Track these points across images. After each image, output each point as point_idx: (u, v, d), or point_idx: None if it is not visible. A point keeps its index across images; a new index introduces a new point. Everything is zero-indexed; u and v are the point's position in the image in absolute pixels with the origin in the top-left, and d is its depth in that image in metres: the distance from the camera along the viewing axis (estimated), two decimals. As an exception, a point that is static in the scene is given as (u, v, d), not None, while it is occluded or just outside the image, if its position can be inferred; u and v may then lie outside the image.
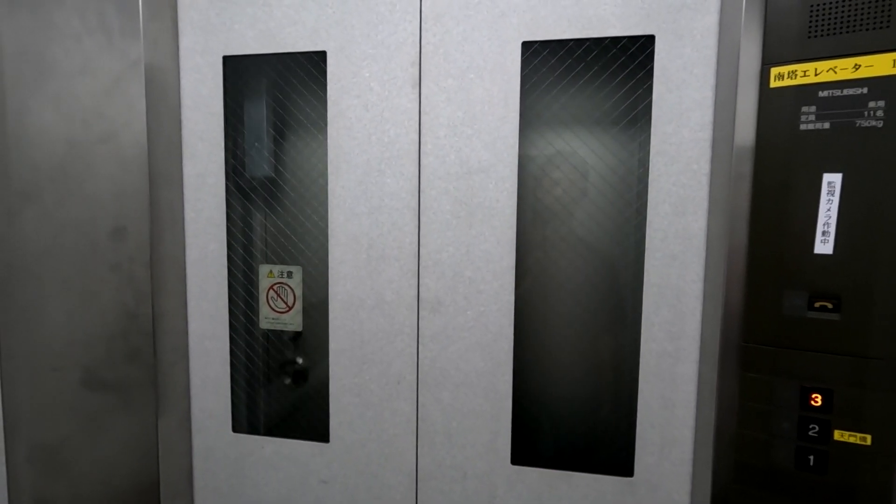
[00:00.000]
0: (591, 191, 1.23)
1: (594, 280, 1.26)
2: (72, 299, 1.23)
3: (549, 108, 1.22)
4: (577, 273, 1.26)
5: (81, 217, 1.21)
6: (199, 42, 1.23)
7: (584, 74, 1.17)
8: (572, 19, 1.08)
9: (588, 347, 1.30)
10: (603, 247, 1.25)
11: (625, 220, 1.22)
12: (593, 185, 1.23)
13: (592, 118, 1.23)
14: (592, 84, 1.18)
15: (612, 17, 1.06)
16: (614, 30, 1.06)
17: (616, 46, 1.11)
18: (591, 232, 1.25)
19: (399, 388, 1.22)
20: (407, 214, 1.18)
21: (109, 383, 1.25)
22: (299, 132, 1.40)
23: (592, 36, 1.08)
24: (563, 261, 1.26)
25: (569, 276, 1.27)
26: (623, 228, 1.23)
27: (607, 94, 1.18)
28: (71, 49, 1.18)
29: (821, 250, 0.89)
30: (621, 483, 1.14)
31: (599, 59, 1.14)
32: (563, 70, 1.16)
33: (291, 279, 1.24)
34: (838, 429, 0.90)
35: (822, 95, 0.87)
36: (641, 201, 1.13)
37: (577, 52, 1.13)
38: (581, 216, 1.25)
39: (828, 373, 0.91)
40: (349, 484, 1.27)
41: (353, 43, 1.17)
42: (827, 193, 0.88)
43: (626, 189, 1.21)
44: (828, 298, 0.90)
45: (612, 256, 1.25)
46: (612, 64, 1.13)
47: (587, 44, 1.11)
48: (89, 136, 1.19)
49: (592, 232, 1.25)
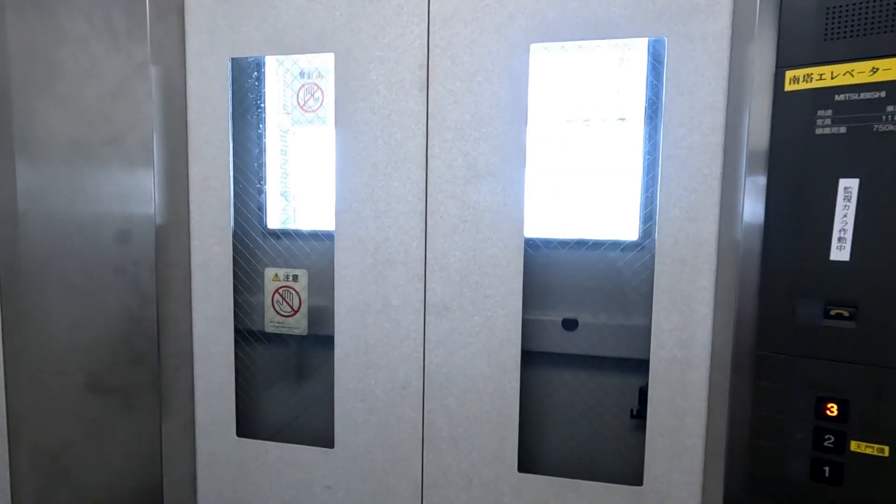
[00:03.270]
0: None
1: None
2: (76, 303, 1.22)
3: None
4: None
5: (86, 220, 1.21)
6: (206, 44, 1.23)
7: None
8: (582, 22, 1.07)
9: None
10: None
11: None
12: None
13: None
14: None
15: (622, 20, 1.05)
16: (624, 32, 1.05)
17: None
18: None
19: (405, 393, 1.21)
20: (414, 218, 1.17)
21: (113, 387, 1.24)
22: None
23: (602, 39, 1.07)
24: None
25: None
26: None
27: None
28: (78, 51, 1.18)
29: (837, 257, 0.88)
30: (630, 492, 1.12)
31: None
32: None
33: (297, 283, 1.23)
34: (855, 440, 0.88)
35: (839, 99, 0.86)
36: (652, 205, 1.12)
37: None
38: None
39: (844, 382, 0.89)
40: (354, 490, 1.25)
41: (360, 45, 1.16)
42: (843, 199, 0.86)
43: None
44: (844, 306, 0.88)
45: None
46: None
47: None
48: (95, 139, 1.19)
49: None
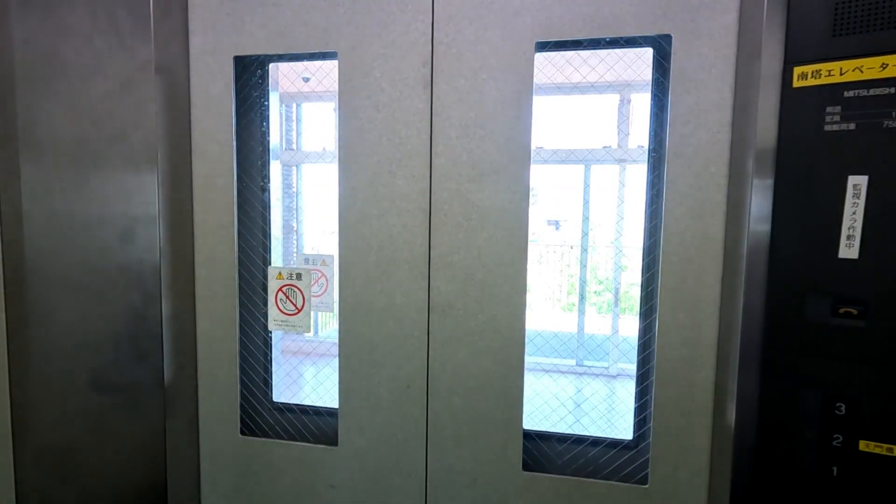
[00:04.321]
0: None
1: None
2: (80, 301, 1.22)
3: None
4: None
5: (90, 218, 1.20)
6: (210, 42, 1.23)
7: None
8: (587, 18, 1.06)
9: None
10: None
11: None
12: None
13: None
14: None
15: (629, 17, 1.04)
16: (630, 29, 1.04)
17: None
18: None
19: (409, 392, 1.20)
20: (418, 216, 1.16)
21: (117, 385, 1.24)
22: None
23: (608, 36, 1.06)
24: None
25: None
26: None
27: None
28: (82, 49, 1.17)
29: (846, 255, 0.87)
30: (636, 492, 1.11)
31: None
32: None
33: (301, 281, 1.23)
34: (864, 439, 0.87)
35: (848, 95, 0.85)
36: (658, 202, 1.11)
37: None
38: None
39: (853, 381, 0.88)
40: (358, 489, 1.25)
41: (364, 43, 1.16)
42: (852, 196, 0.85)
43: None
44: (853, 304, 0.87)
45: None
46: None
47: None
48: (99, 136, 1.19)
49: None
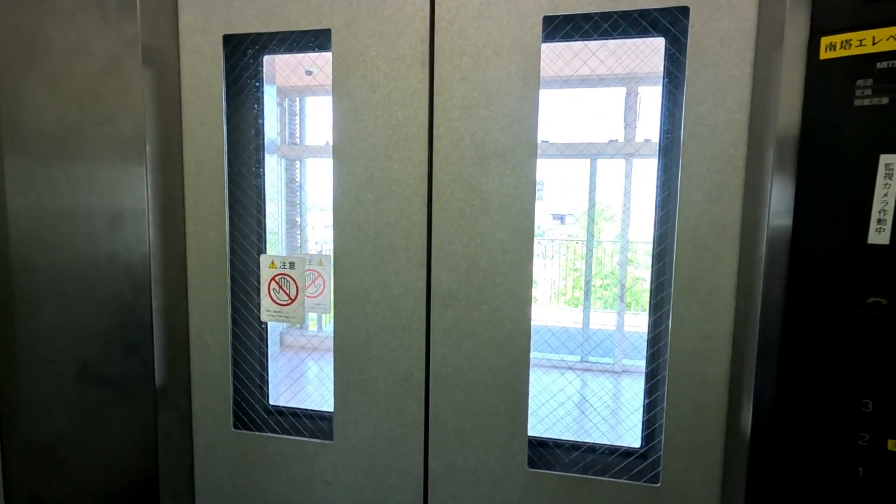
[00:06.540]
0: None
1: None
2: (67, 290, 1.18)
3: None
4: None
5: (77, 204, 1.15)
6: (199, 20, 1.17)
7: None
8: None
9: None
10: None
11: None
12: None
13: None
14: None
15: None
16: (645, 1, 0.98)
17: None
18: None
19: (406, 385, 1.15)
20: (415, 202, 1.11)
21: (107, 378, 1.20)
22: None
23: (620, 9, 0.99)
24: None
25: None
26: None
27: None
28: (66, 27, 1.12)
29: (875, 240, 0.80)
30: (646, 490, 1.06)
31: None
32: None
33: (294, 270, 1.18)
34: (893, 438, 0.82)
35: (881, 67, 0.78)
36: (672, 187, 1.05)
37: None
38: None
39: (881, 377, 0.82)
40: (354, 485, 1.21)
41: (358, 19, 1.09)
42: (884, 177, 0.79)
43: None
44: (883, 294, 0.81)
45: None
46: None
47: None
48: (85, 119, 1.13)
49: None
